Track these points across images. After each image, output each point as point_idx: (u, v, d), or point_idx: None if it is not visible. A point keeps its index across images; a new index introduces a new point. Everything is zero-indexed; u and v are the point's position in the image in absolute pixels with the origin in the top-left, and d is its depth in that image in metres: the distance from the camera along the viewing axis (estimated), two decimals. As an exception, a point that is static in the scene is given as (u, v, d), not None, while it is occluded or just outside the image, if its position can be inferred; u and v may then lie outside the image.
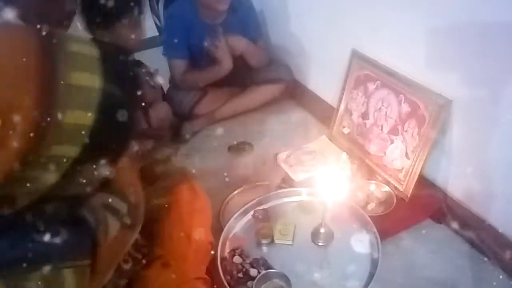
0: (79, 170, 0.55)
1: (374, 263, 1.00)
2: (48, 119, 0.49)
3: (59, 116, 0.50)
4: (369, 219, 1.08)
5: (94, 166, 0.57)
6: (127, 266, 0.81)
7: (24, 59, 0.50)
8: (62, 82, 0.50)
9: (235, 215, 1.11)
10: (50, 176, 0.52)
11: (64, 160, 0.52)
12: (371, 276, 0.97)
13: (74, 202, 0.63)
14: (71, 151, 0.52)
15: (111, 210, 0.69)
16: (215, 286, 1.00)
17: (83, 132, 0.52)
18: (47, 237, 0.54)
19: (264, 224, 1.13)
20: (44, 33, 0.53)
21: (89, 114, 0.52)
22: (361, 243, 1.06)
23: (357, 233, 1.08)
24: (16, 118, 0.47)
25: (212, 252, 1.01)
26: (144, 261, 0.87)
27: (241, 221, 1.12)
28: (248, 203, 1.14)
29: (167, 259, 0.90)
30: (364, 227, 1.09)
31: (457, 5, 1.00)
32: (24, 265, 0.51)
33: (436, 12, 1.07)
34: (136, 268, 0.84)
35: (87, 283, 0.59)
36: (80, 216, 0.64)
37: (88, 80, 0.52)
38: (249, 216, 1.12)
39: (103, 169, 0.60)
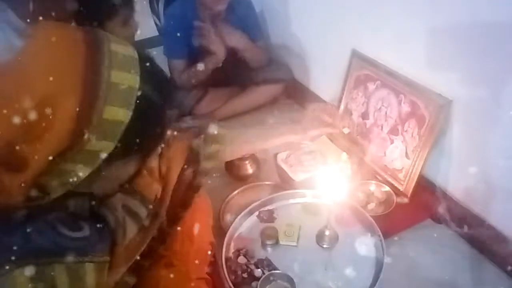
0: (110, 165, 0.57)
1: (379, 267, 0.99)
2: (89, 114, 0.51)
3: (99, 112, 0.52)
4: (374, 222, 1.07)
5: (124, 163, 0.60)
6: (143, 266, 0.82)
7: (69, 56, 0.52)
8: (104, 79, 0.53)
9: (240, 216, 1.11)
10: (84, 170, 0.55)
11: (100, 155, 0.54)
12: (375, 279, 0.97)
13: (96, 200, 0.65)
14: (107, 146, 0.54)
15: (130, 213, 0.71)
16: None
17: (119, 129, 0.54)
18: (70, 231, 0.57)
19: (269, 225, 1.12)
20: (88, 30, 0.56)
21: (127, 112, 0.54)
22: (366, 246, 1.05)
23: (362, 236, 1.08)
24: (59, 112, 0.50)
25: (209, 252, 1.01)
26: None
27: (246, 222, 1.12)
28: (253, 203, 1.13)
29: (170, 259, 0.90)
30: (369, 230, 1.08)
31: (457, 5, 1.00)
32: (50, 254, 0.53)
33: (436, 12, 1.07)
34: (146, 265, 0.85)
35: (105, 279, 0.61)
36: (100, 215, 0.66)
37: (128, 79, 0.55)
38: (254, 216, 1.12)
39: (132, 167, 0.63)
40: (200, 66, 1.62)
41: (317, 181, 1.32)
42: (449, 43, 1.06)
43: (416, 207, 1.21)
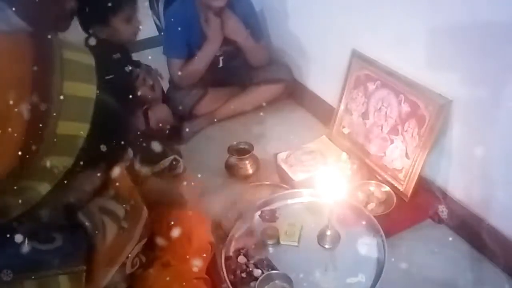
0: (73, 178, 0.54)
1: (380, 268, 0.99)
2: (41, 130, 0.48)
3: (52, 127, 0.48)
4: (376, 222, 1.06)
5: (87, 176, 0.57)
6: (133, 270, 0.80)
7: (19, 68, 0.48)
8: (57, 92, 0.49)
9: (241, 215, 1.11)
10: (42, 187, 0.51)
11: (57, 171, 0.51)
12: (376, 280, 0.96)
13: (70, 207, 0.62)
14: (64, 162, 0.51)
15: (108, 213, 0.68)
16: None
17: (77, 143, 0.51)
18: (41, 244, 0.54)
19: (270, 225, 1.12)
20: (40, 40, 0.52)
21: (84, 125, 0.51)
22: (368, 246, 1.05)
23: (364, 236, 1.07)
24: (8, 128, 0.47)
25: (208, 252, 1.01)
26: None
27: (248, 221, 1.12)
28: (255, 203, 1.13)
29: (167, 259, 0.90)
30: (371, 230, 1.08)
31: (457, 5, 1.00)
32: (20, 271, 0.51)
33: (436, 12, 1.07)
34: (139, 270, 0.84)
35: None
36: (76, 221, 0.63)
37: (83, 90, 0.51)
38: (256, 216, 1.12)
39: (97, 178, 0.60)
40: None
41: (317, 181, 1.32)
42: (449, 43, 1.06)
43: (416, 207, 1.21)
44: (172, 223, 0.91)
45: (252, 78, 1.79)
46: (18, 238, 0.52)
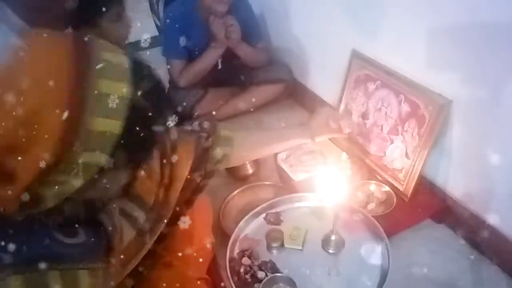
0: (104, 175, 0.56)
1: (384, 274, 0.99)
2: (76, 127, 0.50)
3: (89, 123, 0.51)
4: (381, 229, 1.06)
5: (118, 173, 0.58)
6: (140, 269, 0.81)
7: (56, 67, 0.51)
8: (92, 90, 0.51)
9: (247, 216, 1.10)
10: (77, 181, 0.53)
11: (92, 167, 0.53)
12: (379, 287, 0.96)
13: (93, 205, 0.64)
14: (99, 158, 0.53)
15: (128, 217, 0.70)
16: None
17: (110, 140, 0.53)
18: (65, 237, 0.56)
19: (275, 228, 1.12)
20: (78, 39, 0.54)
21: (117, 122, 0.53)
22: (372, 253, 1.04)
23: (368, 242, 1.07)
24: (45, 125, 0.49)
25: (209, 252, 1.01)
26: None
27: (253, 223, 1.11)
28: (260, 204, 1.12)
29: (169, 259, 0.90)
30: (376, 236, 1.07)
31: (457, 5, 1.00)
32: (45, 261, 0.53)
33: (436, 12, 1.07)
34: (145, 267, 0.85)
35: (100, 285, 0.60)
36: (97, 220, 0.64)
37: (118, 88, 0.53)
38: (261, 218, 1.11)
39: (126, 176, 0.62)
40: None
41: (317, 181, 1.32)
42: (449, 43, 1.06)
43: (416, 207, 1.21)
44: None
45: (252, 78, 1.79)
46: (43, 229, 0.55)
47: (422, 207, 1.22)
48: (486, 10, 0.94)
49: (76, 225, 0.60)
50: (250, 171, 1.44)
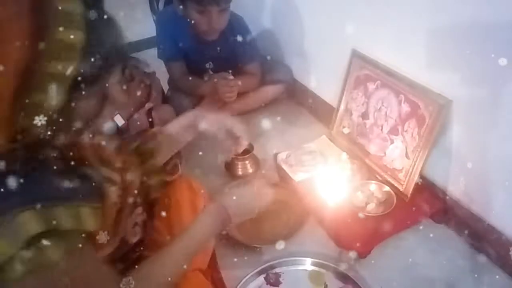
0: (80, 93, 0.59)
1: None
2: (42, 37, 0.53)
3: (54, 33, 0.54)
4: None
5: (87, 96, 0.61)
6: (135, 239, 0.85)
7: None
8: (52, 5, 0.55)
9: (247, 276, 1.10)
10: (54, 98, 0.56)
11: (63, 77, 0.56)
12: None
13: (77, 164, 0.67)
14: (67, 67, 0.56)
15: (105, 179, 0.73)
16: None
17: (75, 50, 0.56)
18: (63, 181, 0.60)
19: None
20: None
21: (79, 32, 0.56)
22: None
23: None
24: (16, 33, 0.52)
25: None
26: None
27: (253, 283, 1.11)
28: (262, 265, 1.13)
29: (164, 240, 0.92)
30: None
31: (457, 5, 1.00)
32: (49, 199, 0.57)
33: (436, 12, 1.07)
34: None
35: (99, 224, 0.65)
36: (85, 173, 0.68)
37: (74, 5, 0.57)
38: (261, 278, 1.12)
39: (94, 102, 0.64)
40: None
41: (317, 181, 1.32)
42: (449, 43, 1.06)
43: (416, 207, 1.21)
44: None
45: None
46: (44, 173, 0.59)
47: (422, 207, 1.22)
48: (486, 10, 0.94)
49: (70, 172, 0.63)
50: (250, 171, 1.44)
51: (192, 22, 1.54)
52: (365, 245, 1.13)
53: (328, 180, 1.32)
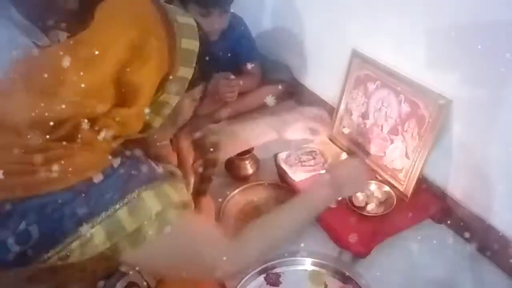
0: (187, 94, 0.77)
1: None
2: (173, 45, 0.70)
3: (178, 42, 0.71)
4: None
5: (190, 97, 0.82)
6: None
7: (152, 9, 0.70)
8: (175, 21, 0.72)
9: (247, 276, 1.10)
10: (174, 99, 0.74)
11: (184, 82, 0.73)
12: None
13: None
14: (189, 72, 0.73)
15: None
16: None
17: (194, 56, 0.73)
18: (157, 166, 0.76)
19: None
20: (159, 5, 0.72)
21: (195, 42, 0.74)
22: None
23: None
24: (153, 46, 0.67)
25: None
26: None
27: (253, 283, 1.10)
28: (262, 265, 1.12)
29: None
30: None
31: (457, 5, 1.00)
32: (157, 180, 0.71)
33: (436, 12, 1.07)
34: None
35: (180, 194, 0.75)
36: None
37: (190, 22, 0.76)
38: (261, 278, 1.12)
39: (191, 105, 0.86)
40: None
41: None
42: (449, 43, 1.06)
43: (416, 207, 1.21)
44: None
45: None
46: (145, 160, 0.75)
47: (422, 207, 1.22)
48: (486, 10, 0.95)
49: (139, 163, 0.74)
50: (250, 171, 1.44)
51: None
52: (365, 245, 1.13)
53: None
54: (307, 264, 1.14)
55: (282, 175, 1.41)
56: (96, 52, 0.62)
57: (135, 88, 0.66)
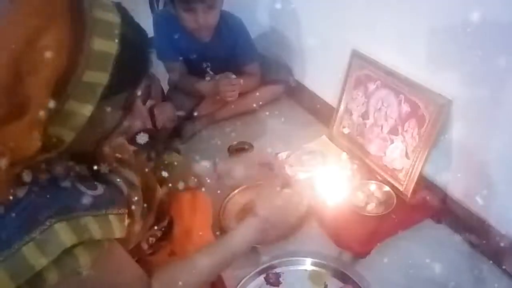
0: (107, 102, 0.60)
1: None
2: (80, 44, 0.55)
3: (88, 42, 0.56)
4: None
5: (113, 105, 0.63)
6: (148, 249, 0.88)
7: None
8: (88, 14, 0.56)
9: (247, 276, 1.10)
10: (86, 109, 0.57)
11: (97, 88, 0.58)
12: None
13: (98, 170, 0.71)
14: (102, 77, 0.57)
15: (128, 183, 0.76)
16: None
17: (109, 60, 0.58)
18: (88, 190, 0.63)
19: None
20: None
21: (114, 44, 0.58)
22: None
23: None
24: (51, 45, 0.53)
25: None
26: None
27: (253, 283, 1.11)
28: (262, 265, 1.13)
29: (171, 249, 0.93)
30: None
31: (457, 4, 1.00)
32: (79, 209, 0.59)
33: (436, 12, 1.07)
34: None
35: (126, 229, 0.68)
36: (106, 179, 0.72)
37: (110, 16, 0.59)
38: (261, 278, 1.12)
39: (118, 113, 0.65)
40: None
41: (317, 181, 1.32)
42: (449, 43, 1.06)
43: (416, 207, 1.21)
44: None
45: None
46: (72, 183, 0.62)
47: (422, 207, 1.22)
48: (486, 10, 0.94)
49: (94, 181, 0.66)
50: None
51: (181, 21, 1.55)
52: (365, 245, 1.13)
53: (328, 180, 1.32)
54: (307, 264, 1.14)
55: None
56: None
57: (21, 97, 0.53)
